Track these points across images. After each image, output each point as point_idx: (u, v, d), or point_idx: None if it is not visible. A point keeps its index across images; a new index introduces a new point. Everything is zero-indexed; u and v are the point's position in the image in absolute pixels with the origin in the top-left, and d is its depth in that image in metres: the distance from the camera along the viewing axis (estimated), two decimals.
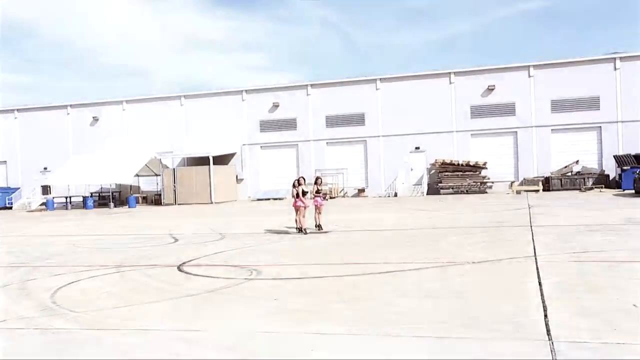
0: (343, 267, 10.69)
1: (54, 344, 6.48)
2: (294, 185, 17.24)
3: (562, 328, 6.08)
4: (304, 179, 17.69)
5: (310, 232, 16.74)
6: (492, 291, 8.11)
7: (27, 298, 9.03)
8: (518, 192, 33.90)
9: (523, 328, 6.18)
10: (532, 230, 15.04)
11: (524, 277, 8.97)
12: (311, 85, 40.70)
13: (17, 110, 46.64)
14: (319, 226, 17.28)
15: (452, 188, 36.25)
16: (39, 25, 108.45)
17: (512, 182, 36.23)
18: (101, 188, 42.91)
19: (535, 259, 10.53)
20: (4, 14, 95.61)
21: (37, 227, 24.49)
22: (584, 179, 34.47)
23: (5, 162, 46.69)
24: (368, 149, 39.55)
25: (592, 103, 35.85)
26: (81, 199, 40.40)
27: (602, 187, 33.51)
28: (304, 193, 17.07)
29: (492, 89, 37.14)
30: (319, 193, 17.75)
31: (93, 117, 44.61)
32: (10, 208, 42.63)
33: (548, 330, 6.01)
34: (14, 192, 43.95)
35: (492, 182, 36.29)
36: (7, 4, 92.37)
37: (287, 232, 17.33)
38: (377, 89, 39.29)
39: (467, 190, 35.81)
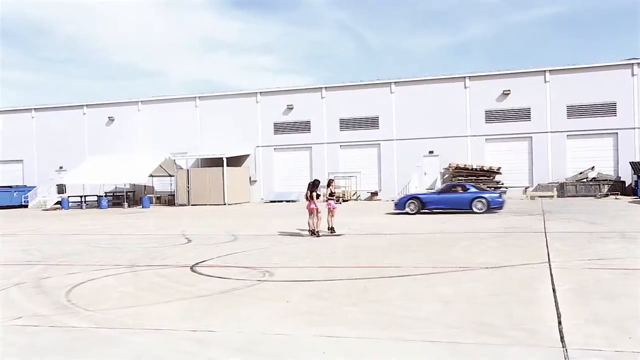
0: (355, 270, 10.68)
1: (68, 342, 6.53)
2: (308, 188, 17.26)
3: (576, 335, 6.03)
4: (319, 182, 17.70)
5: (323, 235, 16.75)
6: (505, 297, 8.05)
7: (42, 296, 9.12)
8: (532, 198, 33.69)
9: (537, 334, 6.13)
10: (546, 236, 14.94)
11: (537, 283, 8.91)
12: (325, 88, 40.76)
13: (34, 109, 47.14)
14: (331, 229, 17.28)
15: None
16: (55, 24, 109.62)
17: (527, 188, 36.01)
18: (115, 188, 43.25)
19: (549, 265, 10.45)
20: (22, 13, 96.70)
21: (52, 225, 24.71)
22: (599, 185, 34.18)
23: (21, 160, 47.20)
24: (381, 152, 39.51)
25: (609, 109, 35.57)
26: (96, 199, 40.74)
27: (617, 194, 33.21)
28: (317, 196, 17.08)
29: (508, 94, 36.97)
30: (332, 196, 17.76)
31: (109, 117, 44.98)
32: (26, 206, 43.08)
33: (562, 337, 5.96)
34: (30, 191, 44.41)
35: (506, 188, 36.07)
36: (24, 4, 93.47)
37: (299, 235, 17.34)
38: (391, 93, 39.25)
39: None
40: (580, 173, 35.34)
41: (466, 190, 24.66)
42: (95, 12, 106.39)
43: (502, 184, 36.24)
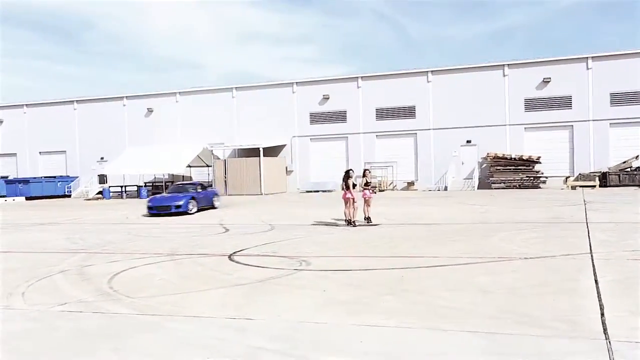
0: (392, 260, 10.65)
1: (111, 327, 6.70)
2: (343, 178, 17.25)
3: (619, 327, 5.90)
4: (354, 172, 17.66)
5: (359, 225, 16.73)
6: (545, 288, 7.93)
7: (86, 283, 9.36)
8: (573, 188, 32.97)
9: (579, 326, 6.02)
10: (587, 226, 14.62)
11: (579, 274, 8.74)
12: (362, 77, 40.57)
13: (76, 101, 48.20)
14: (368, 219, 17.25)
15: (504, 183, 35.55)
16: (97, 18, 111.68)
17: (567, 177, 35.21)
18: (155, 178, 43.99)
19: (591, 255, 10.23)
20: (65, 7, 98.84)
21: (94, 215, 25.31)
22: None
23: (64, 151, 48.38)
24: (418, 141, 39.18)
25: None
26: (136, 189, 41.50)
27: None
28: (354, 185, 17.05)
29: (548, 82, 36.17)
30: (368, 185, 17.70)
31: (147, 109, 45.68)
32: (69, 196, 44.20)
33: (605, 329, 5.85)
34: (72, 181, 45.54)
35: (546, 177, 35.39)
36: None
37: (335, 225, 17.37)
38: (428, 81, 38.83)
39: (519, 185, 35.07)
40: (624, 162, 34.38)
41: None
42: (136, 6, 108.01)
43: (542, 173, 35.55)
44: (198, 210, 23.99)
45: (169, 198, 23.43)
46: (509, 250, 11.28)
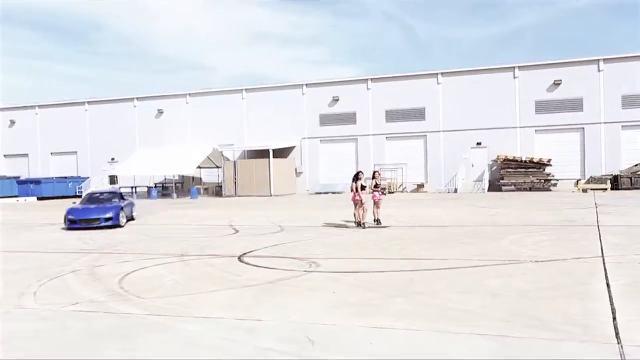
0: (401, 262, 10.62)
1: (122, 327, 6.73)
2: (353, 180, 17.23)
3: (632, 331, 5.86)
4: (363, 173, 17.64)
5: (369, 227, 16.71)
6: (556, 291, 7.87)
7: (97, 283, 9.41)
8: (584, 191, 32.76)
9: (591, 330, 5.98)
10: (599, 229, 14.51)
11: (590, 277, 8.68)
12: (371, 79, 40.54)
13: (87, 102, 48.49)
14: (377, 220, 17.23)
15: (515, 185, 35.39)
16: (107, 20, 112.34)
17: (578, 180, 35.00)
18: (165, 179, 44.17)
19: (603, 259, 10.16)
20: (76, 9, 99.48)
21: None
22: None
23: (75, 152, 48.68)
24: (428, 143, 39.09)
25: None
26: (146, 189, 41.68)
27: None
28: (363, 187, 17.03)
29: (559, 84, 35.98)
30: (378, 187, 17.68)
31: (158, 110, 45.88)
32: (80, 197, 44.42)
33: (617, 333, 5.80)
34: (83, 182, 45.81)
35: (557, 180, 35.18)
36: (79, 0, 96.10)
37: (345, 226, 17.36)
38: (438, 83, 38.75)
39: (530, 188, 34.90)
40: (636, 165, 34.11)
41: None
42: (145, 7, 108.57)
43: (553, 176, 35.36)
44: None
45: (95, 209, 19.57)
46: (520, 253, 11.22)
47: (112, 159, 46.62)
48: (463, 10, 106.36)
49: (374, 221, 17.22)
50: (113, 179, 43.82)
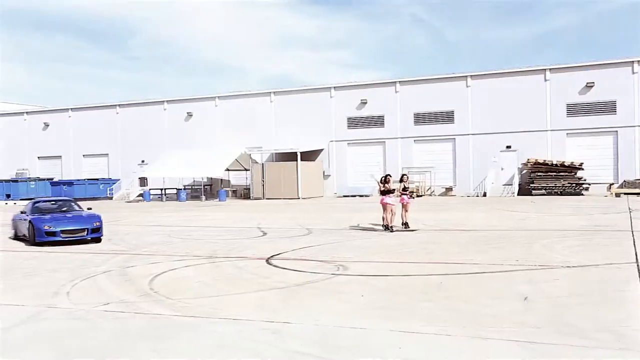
0: (430, 266, 10.55)
1: (153, 328, 6.82)
2: (381, 183, 17.17)
3: None
4: (391, 177, 17.57)
5: (397, 230, 16.63)
6: (589, 297, 7.74)
7: (128, 283, 9.56)
8: (617, 195, 32.09)
9: (625, 338, 5.86)
10: (633, 235, 14.21)
11: (624, 284, 8.50)
12: (400, 82, 40.36)
13: (119, 105, 49.26)
14: (405, 224, 17.14)
15: (545, 189, 34.85)
16: (141, 24, 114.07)
17: (611, 185, 34.30)
18: (194, 181, 44.61)
19: (637, 265, 9.94)
20: (111, 12, 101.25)
21: (135, 217, 25.80)
22: None
23: (107, 154, 49.47)
24: (457, 147, 38.74)
25: None
26: (175, 192, 42.17)
27: None
28: (391, 191, 16.95)
29: (591, 86, 35.31)
30: (406, 191, 17.60)
31: (187, 113, 46.36)
32: (111, 198, 45.17)
33: None
34: (114, 184, 46.55)
35: (589, 184, 34.51)
36: (112, 4, 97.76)
37: (373, 229, 17.31)
38: (467, 86, 38.38)
39: (560, 192, 34.32)
40: None
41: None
42: (179, 12, 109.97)
43: (584, 180, 34.72)
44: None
45: (74, 218, 16.14)
46: (551, 258, 11.05)
47: (142, 161, 47.24)
48: (493, 13, 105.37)
49: (402, 225, 17.13)
50: (143, 181, 44.42)
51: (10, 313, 7.74)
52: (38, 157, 52.16)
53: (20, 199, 40.76)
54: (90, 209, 17.86)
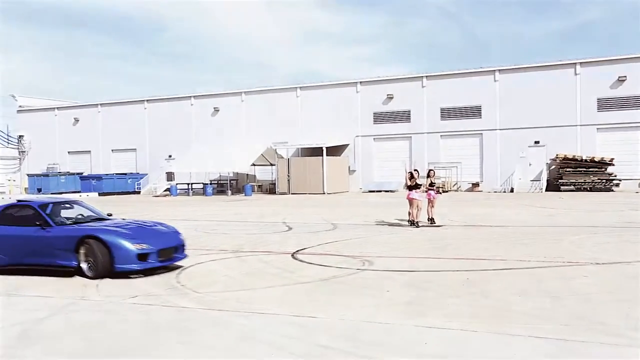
0: (456, 262, 10.47)
1: (179, 321, 6.90)
2: (407, 178, 17.09)
3: None
4: (418, 172, 17.47)
5: (423, 226, 16.54)
6: (620, 295, 7.60)
7: (155, 277, 9.66)
8: None
9: None
10: None
11: None
12: (426, 76, 40.05)
13: (147, 101, 49.82)
14: (431, 220, 17.03)
15: (574, 185, 34.29)
16: (169, 21, 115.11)
17: None
18: (220, 176, 44.94)
19: None
20: (141, 9, 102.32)
21: (162, 211, 26.07)
22: None
23: (135, 149, 50.10)
24: (484, 142, 38.33)
25: None
26: (201, 186, 42.54)
27: None
28: (418, 186, 16.86)
29: (623, 80, 34.59)
30: (432, 186, 17.48)
31: (214, 108, 46.69)
32: (139, 193, 45.77)
33: None
34: (142, 178, 47.16)
35: (620, 180, 33.86)
36: (142, 1, 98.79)
37: (399, 225, 17.24)
38: (495, 81, 37.93)
39: (590, 188, 33.73)
40: None
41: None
42: (204, 8, 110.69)
43: (615, 176, 34.07)
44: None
45: (157, 234, 10.43)
46: (580, 255, 10.88)
47: (170, 156, 47.73)
48: (521, 6, 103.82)
49: (428, 220, 17.03)
50: (170, 176, 44.90)
51: (45, 304, 7.90)
52: (68, 152, 53.07)
53: (51, 193, 41.52)
54: (111, 214, 12.27)
